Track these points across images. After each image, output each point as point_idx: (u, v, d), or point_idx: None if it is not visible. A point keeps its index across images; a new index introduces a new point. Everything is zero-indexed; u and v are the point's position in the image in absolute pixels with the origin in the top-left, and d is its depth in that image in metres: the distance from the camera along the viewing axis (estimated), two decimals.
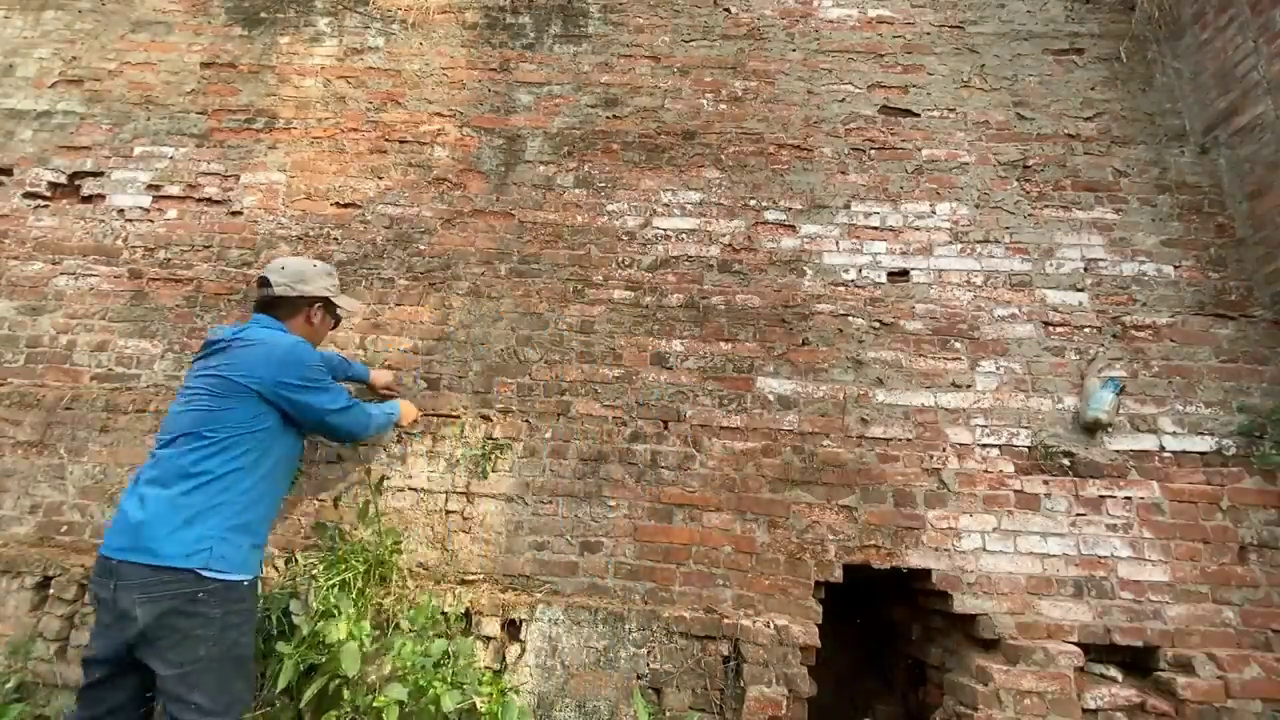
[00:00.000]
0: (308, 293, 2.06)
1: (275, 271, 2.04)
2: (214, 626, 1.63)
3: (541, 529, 2.60)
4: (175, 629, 1.59)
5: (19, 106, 3.31)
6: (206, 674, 1.61)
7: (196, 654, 1.60)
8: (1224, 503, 2.47)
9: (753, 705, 2.26)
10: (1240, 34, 2.88)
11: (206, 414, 1.76)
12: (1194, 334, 2.70)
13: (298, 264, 2.09)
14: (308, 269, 2.09)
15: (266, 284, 2.03)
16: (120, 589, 1.59)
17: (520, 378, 2.80)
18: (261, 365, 1.84)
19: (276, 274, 2.03)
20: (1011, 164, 3.00)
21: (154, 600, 1.58)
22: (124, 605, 1.58)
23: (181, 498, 1.67)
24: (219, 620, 1.64)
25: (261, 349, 1.87)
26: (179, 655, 1.59)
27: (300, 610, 2.15)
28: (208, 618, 1.63)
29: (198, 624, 1.61)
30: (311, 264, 2.12)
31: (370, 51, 3.40)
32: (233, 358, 1.84)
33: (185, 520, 1.65)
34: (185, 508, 1.66)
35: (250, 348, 1.87)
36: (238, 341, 1.88)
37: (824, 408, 2.70)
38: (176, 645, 1.59)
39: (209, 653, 1.61)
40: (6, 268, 3.04)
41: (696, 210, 3.02)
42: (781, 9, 3.38)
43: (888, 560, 2.49)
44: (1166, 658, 2.31)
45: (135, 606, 1.56)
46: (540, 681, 2.34)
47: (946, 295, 2.83)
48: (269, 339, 1.92)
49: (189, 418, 1.77)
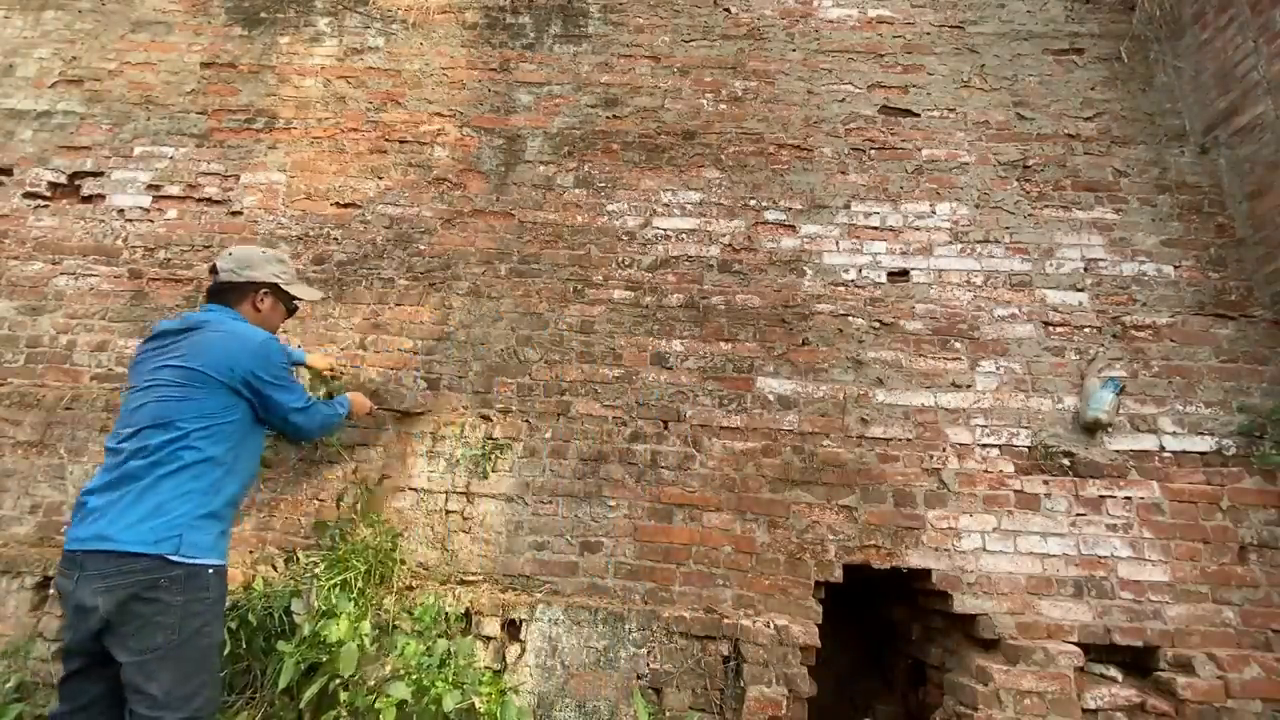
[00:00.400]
0: (254, 278, 1.99)
1: (223, 258, 1.99)
2: (174, 614, 1.60)
3: (541, 529, 2.60)
4: (136, 615, 1.57)
5: (19, 106, 3.31)
6: (165, 663, 1.58)
7: (155, 641, 1.57)
8: (1224, 503, 2.47)
9: (753, 705, 2.25)
10: (1240, 34, 2.88)
11: (172, 404, 1.72)
12: (1194, 334, 2.70)
13: (245, 250, 2.03)
14: (255, 255, 2.03)
15: (214, 270, 1.99)
16: (82, 580, 1.57)
17: (520, 378, 2.80)
18: (230, 356, 1.79)
19: (224, 260, 1.99)
20: (1011, 164, 3.00)
21: (113, 589, 1.56)
22: (83, 597, 1.56)
23: (149, 487, 1.65)
24: (179, 608, 1.61)
25: (228, 340, 1.82)
26: (138, 643, 1.57)
27: (302, 609, 2.15)
28: (168, 605, 1.60)
29: (157, 610, 1.59)
30: (260, 250, 2.06)
31: (370, 51, 3.40)
32: (194, 347, 1.79)
33: (154, 508, 1.63)
34: (153, 495, 1.64)
35: (212, 337, 1.81)
36: (195, 330, 1.83)
37: (824, 408, 2.70)
38: (137, 633, 1.57)
39: (168, 640, 1.59)
40: (6, 268, 3.04)
41: (696, 210, 3.02)
42: (781, 9, 3.38)
43: (888, 560, 2.49)
44: (1166, 658, 2.31)
45: (96, 596, 1.55)
46: (540, 681, 2.34)
47: (946, 295, 2.83)
48: (234, 329, 1.87)
49: (152, 409, 1.72)
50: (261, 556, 2.58)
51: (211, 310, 1.94)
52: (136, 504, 1.63)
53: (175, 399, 1.73)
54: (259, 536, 2.63)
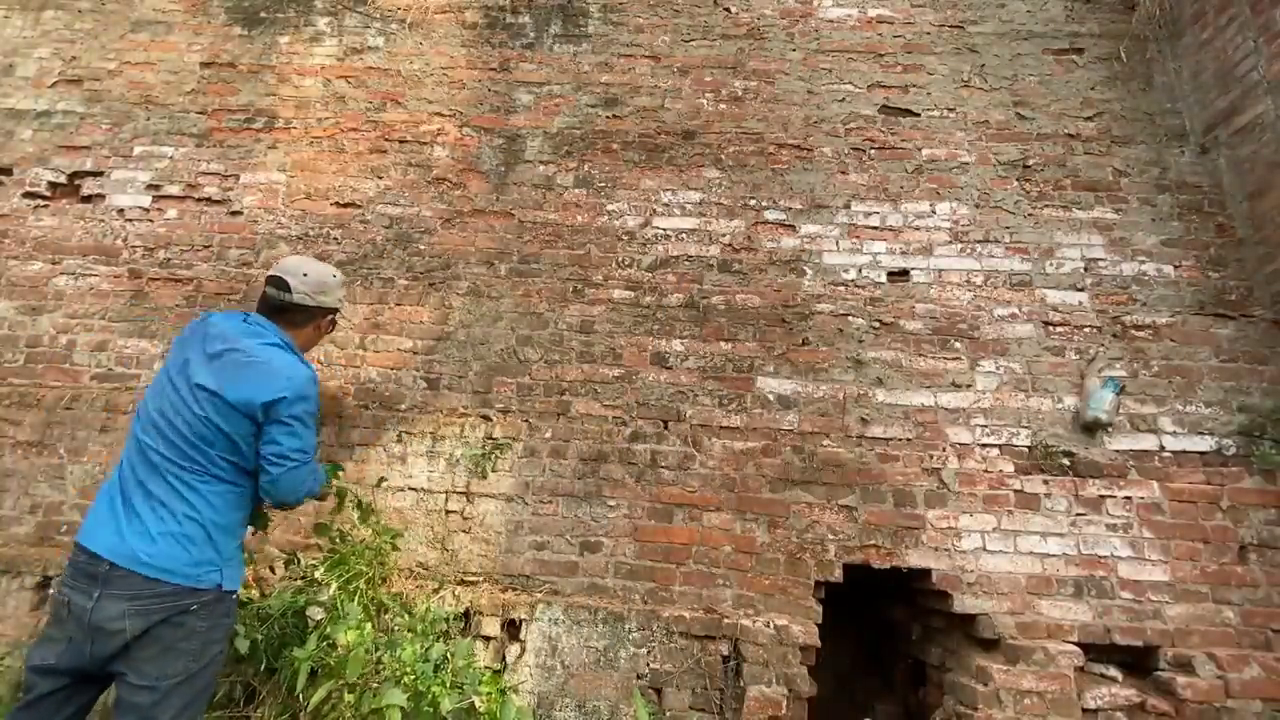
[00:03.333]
0: (326, 304, 1.89)
1: (296, 276, 1.83)
2: (198, 640, 1.55)
3: (541, 529, 2.60)
4: (159, 640, 1.50)
5: (19, 106, 3.31)
6: (180, 691, 1.52)
7: (175, 668, 1.51)
8: (1224, 503, 2.47)
9: (753, 705, 2.25)
10: (1240, 34, 2.88)
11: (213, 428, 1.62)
12: (1194, 334, 2.70)
13: (320, 272, 1.89)
14: (329, 279, 1.91)
15: (285, 287, 1.81)
16: (107, 598, 1.47)
17: (520, 377, 2.80)
18: (264, 388, 1.66)
19: (298, 279, 1.83)
20: (1011, 164, 3.00)
21: (145, 613, 1.48)
22: (107, 616, 1.46)
23: (192, 512, 1.57)
24: (203, 634, 1.57)
25: (266, 370, 1.69)
26: (157, 669, 1.49)
27: (321, 614, 2.13)
28: (194, 630, 1.54)
29: (182, 636, 1.53)
30: (331, 273, 1.94)
31: (370, 51, 3.40)
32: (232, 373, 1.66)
33: (201, 539, 1.57)
34: (196, 521, 1.57)
35: (251, 365, 1.68)
36: (238, 353, 1.70)
37: (824, 407, 2.70)
38: (157, 658, 1.50)
39: (187, 668, 1.53)
40: (6, 268, 3.04)
41: (696, 210, 3.02)
42: (781, 9, 3.38)
43: (888, 560, 2.49)
44: (1166, 658, 2.31)
45: (124, 618, 1.46)
46: (540, 681, 2.34)
47: (946, 295, 2.83)
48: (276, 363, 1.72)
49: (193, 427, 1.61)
50: (261, 558, 2.58)
51: (261, 329, 1.78)
52: (180, 530, 1.55)
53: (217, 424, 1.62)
54: (259, 537, 2.62)
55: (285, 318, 1.83)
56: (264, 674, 2.17)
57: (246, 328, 1.77)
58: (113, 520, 1.55)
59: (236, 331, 1.74)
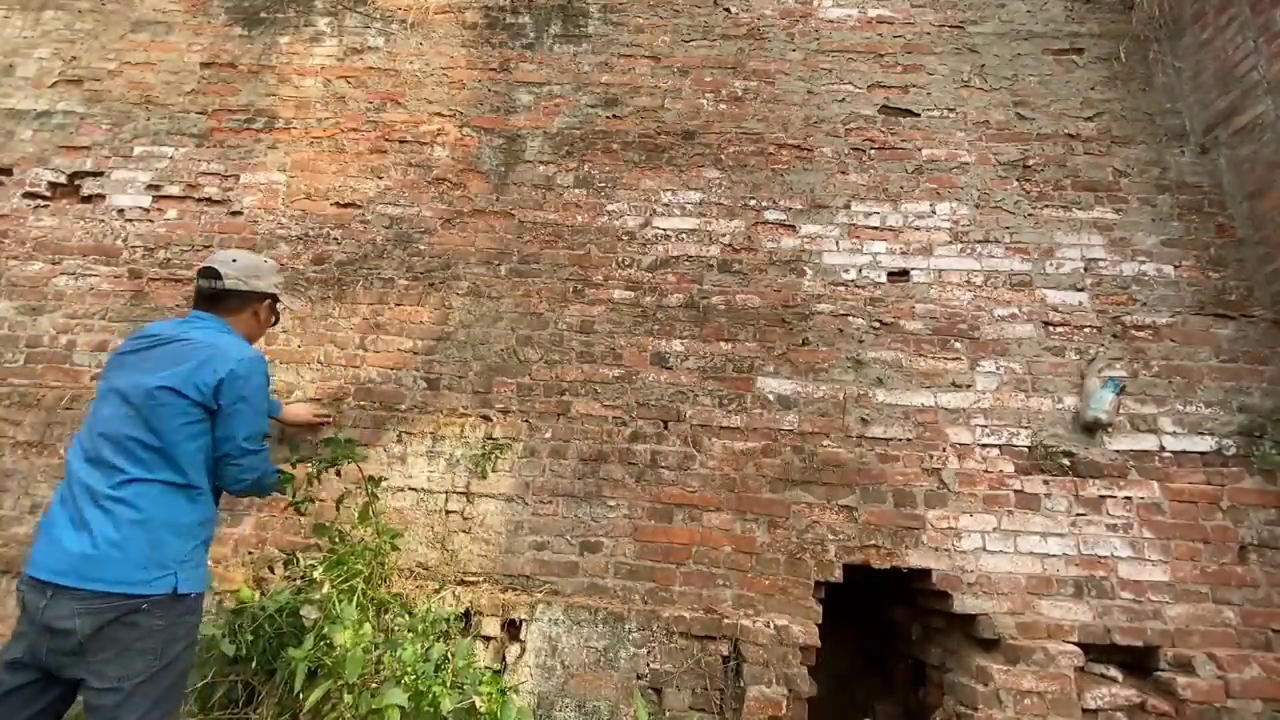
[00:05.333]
0: (259, 288, 1.91)
1: (225, 264, 1.86)
2: (157, 638, 1.51)
3: (541, 529, 2.60)
4: (115, 640, 1.46)
5: (19, 106, 3.31)
6: (143, 691, 1.48)
7: (135, 668, 1.47)
8: (1224, 503, 2.47)
9: (753, 705, 2.25)
10: (1240, 34, 2.88)
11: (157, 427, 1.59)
12: (1194, 334, 2.70)
13: (248, 257, 1.94)
14: (260, 263, 1.94)
15: (214, 275, 1.84)
16: (55, 602, 1.45)
17: (520, 378, 2.80)
18: (210, 370, 1.65)
19: (227, 266, 1.86)
20: (1011, 164, 3.00)
21: (94, 613, 1.45)
22: (57, 615, 1.44)
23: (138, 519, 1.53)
24: (162, 632, 1.52)
25: (211, 354, 1.69)
26: (117, 669, 1.46)
27: (315, 613, 2.13)
28: (150, 629, 1.50)
29: (138, 636, 1.49)
30: (263, 259, 1.99)
31: (370, 51, 3.40)
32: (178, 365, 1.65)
33: (150, 545, 1.53)
34: (147, 530, 1.53)
35: (197, 351, 1.68)
36: (180, 342, 1.70)
37: (824, 408, 2.70)
38: (116, 659, 1.46)
39: (149, 667, 1.49)
40: (6, 268, 3.04)
41: (696, 210, 3.02)
42: (781, 9, 3.38)
43: (888, 560, 2.49)
44: (1166, 658, 2.31)
45: (74, 618, 1.44)
46: (540, 681, 2.34)
47: (946, 295, 2.83)
48: (221, 344, 1.74)
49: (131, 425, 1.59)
50: (261, 558, 2.58)
51: (201, 320, 1.81)
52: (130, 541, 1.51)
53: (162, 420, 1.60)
54: (259, 537, 2.63)
55: (221, 306, 1.86)
56: (263, 674, 2.17)
57: (184, 324, 1.80)
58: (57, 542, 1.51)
59: (173, 328, 1.77)
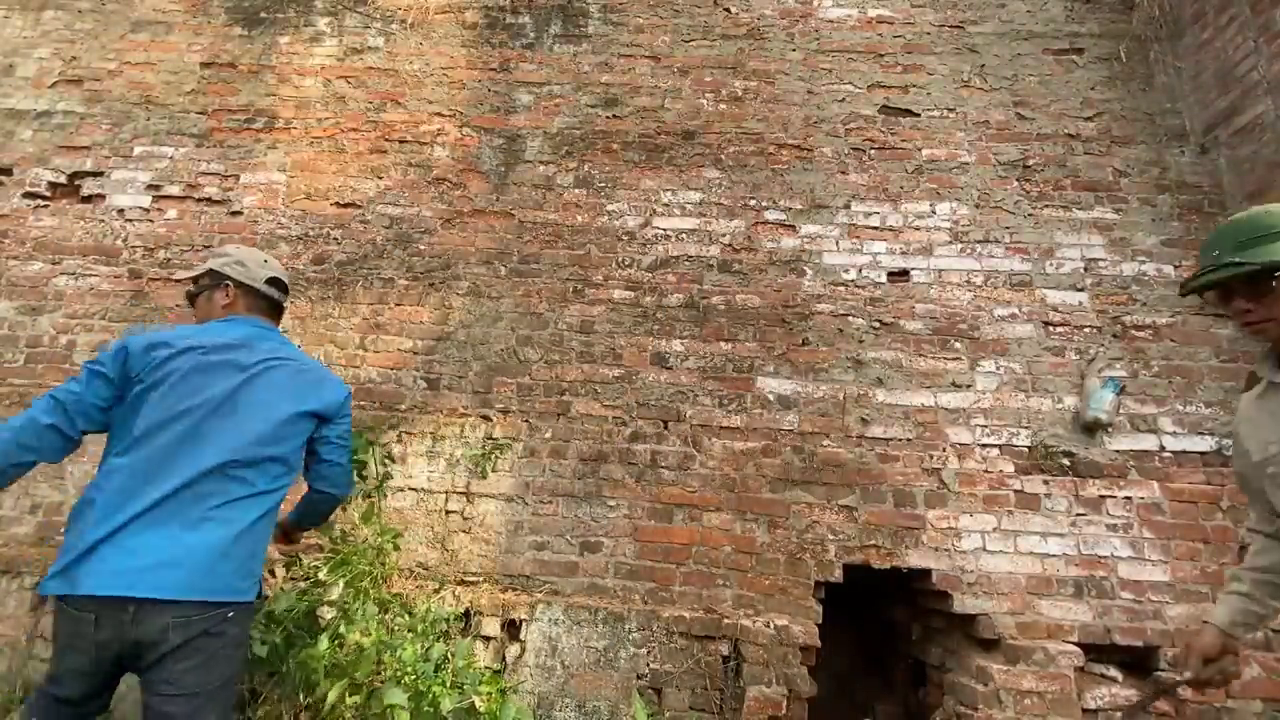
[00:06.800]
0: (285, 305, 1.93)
1: (282, 272, 1.84)
2: (233, 646, 1.51)
3: (541, 529, 2.60)
4: (200, 649, 1.43)
5: (19, 106, 3.31)
6: (216, 698, 1.47)
7: (214, 676, 1.46)
8: (1224, 503, 2.47)
9: (753, 705, 2.25)
10: (1240, 34, 2.88)
11: (288, 446, 1.61)
12: (1194, 334, 2.70)
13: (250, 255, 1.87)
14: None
15: (284, 289, 1.84)
16: (143, 616, 1.36)
17: (520, 378, 2.80)
18: (320, 389, 1.69)
19: (281, 273, 1.84)
20: (1011, 164, 3.00)
21: (190, 624, 1.41)
22: (148, 632, 1.37)
23: (244, 530, 1.51)
24: (237, 639, 1.53)
25: (321, 372, 1.75)
26: (198, 678, 1.42)
27: (332, 613, 2.12)
28: (233, 637, 1.50)
29: (222, 643, 1.47)
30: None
31: (370, 51, 3.40)
32: (310, 388, 1.67)
33: (250, 554, 1.53)
34: (252, 540, 1.53)
35: (312, 370, 1.73)
36: (294, 363, 1.69)
37: (824, 408, 2.70)
38: (198, 668, 1.43)
39: (224, 675, 1.48)
40: (6, 268, 3.04)
41: (696, 210, 3.02)
42: (781, 9, 3.38)
43: (888, 560, 2.49)
44: (1166, 658, 2.31)
45: (168, 631, 1.38)
46: (540, 681, 2.34)
47: (946, 295, 2.83)
48: (307, 360, 1.77)
49: (261, 443, 1.55)
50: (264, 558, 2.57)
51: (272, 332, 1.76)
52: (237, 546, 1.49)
53: (288, 437, 1.61)
54: None
55: (276, 320, 1.83)
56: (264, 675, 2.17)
57: (265, 336, 1.71)
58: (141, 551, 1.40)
59: (270, 340, 1.71)
